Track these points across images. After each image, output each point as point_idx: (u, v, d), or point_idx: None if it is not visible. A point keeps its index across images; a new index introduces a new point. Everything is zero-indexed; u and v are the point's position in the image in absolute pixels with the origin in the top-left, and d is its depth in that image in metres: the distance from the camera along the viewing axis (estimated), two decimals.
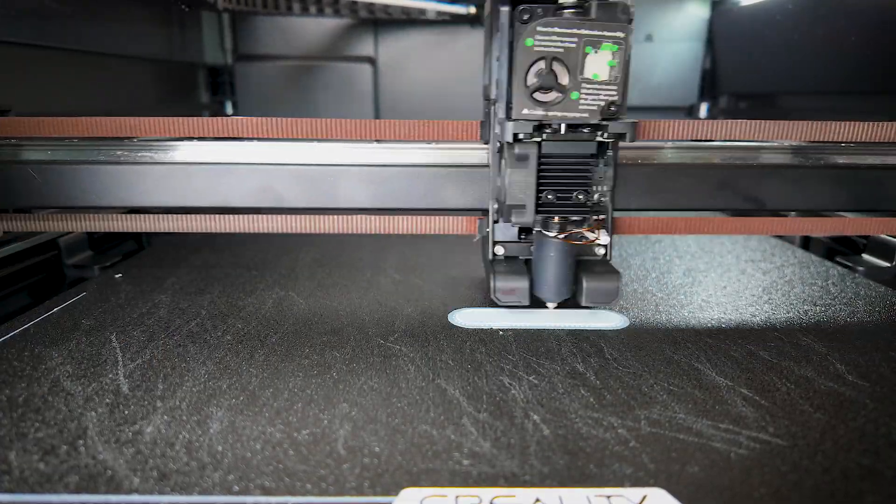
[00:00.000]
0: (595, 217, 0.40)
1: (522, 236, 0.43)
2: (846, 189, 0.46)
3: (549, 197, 0.39)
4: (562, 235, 0.38)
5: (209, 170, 0.44)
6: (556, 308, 0.42)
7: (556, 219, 0.39)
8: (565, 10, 0.35)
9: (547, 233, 0.38)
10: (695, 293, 0.46)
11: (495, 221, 0.42)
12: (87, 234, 0.56)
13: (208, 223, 0.45)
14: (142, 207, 0.46)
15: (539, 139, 0.38)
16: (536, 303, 0.42)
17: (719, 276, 0.50)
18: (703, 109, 1.01)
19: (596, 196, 0.41)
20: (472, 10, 0.94)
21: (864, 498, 0.24)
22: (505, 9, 0.36)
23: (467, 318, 0.40)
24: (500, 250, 0.43)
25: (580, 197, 0.39)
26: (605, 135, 0.37)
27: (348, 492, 0.23)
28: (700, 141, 0.45)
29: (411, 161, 0.45)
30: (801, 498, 0.23)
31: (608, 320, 0.40)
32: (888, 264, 0.55)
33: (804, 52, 0.78)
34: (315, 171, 0.45)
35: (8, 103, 0.51)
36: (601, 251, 0.43)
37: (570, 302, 0.43)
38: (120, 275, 0.49)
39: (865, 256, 0.57)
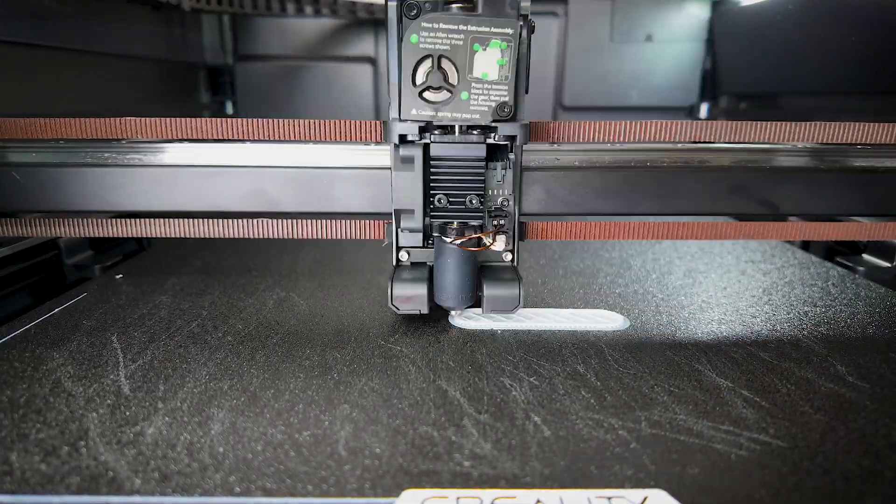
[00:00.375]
0: (494, 222, 0.38)
1: (428, 242, 0.41)
2: (846, 192, 0.45)
3: (442, 202, 0.38)
4: (457, 241, 0.37)
5: (199, 172, 0.43)
6: (556, 308, 0.42)
7: (455, 224, 0.37)
8: (454, 5, 0.34)
9: (444, 238, 0.37)
10: (695, 294, 0.46)
11: (398, 227, 0.41)
12: None
13: (199, 228, 0.44)
14: (130, 212, 0.45)
15: (426, 141, 0.36)
16: (552, 304, 0.42)
17: (719, 277, 0.50)
18: (704, 110, 1.01)
19: (499, 200, 0.39)
20: None
21: (865, 499, 0.24)
22: (393, 3, 0.35)
23: (468, 318, 0.40)
24: (403, 256, 0.41)
25: (473, 202, 0.38)
26: (496, 137, 0.36)
27: (349, 493, 0.24)
28: (698, 143, 0.44)
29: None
30: (802, 499, 0.24)
31: (609, 321, 0.40)
32: (888, 264, 0.55)
33: (805, 52, 0.78)
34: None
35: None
36: (509, 257, 0.41)
37: (569, 302, 0.43)
38: (121, 275, 0.49)
39: (866, 257, 0.57)
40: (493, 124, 0.35)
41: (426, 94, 0.34)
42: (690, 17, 0.98)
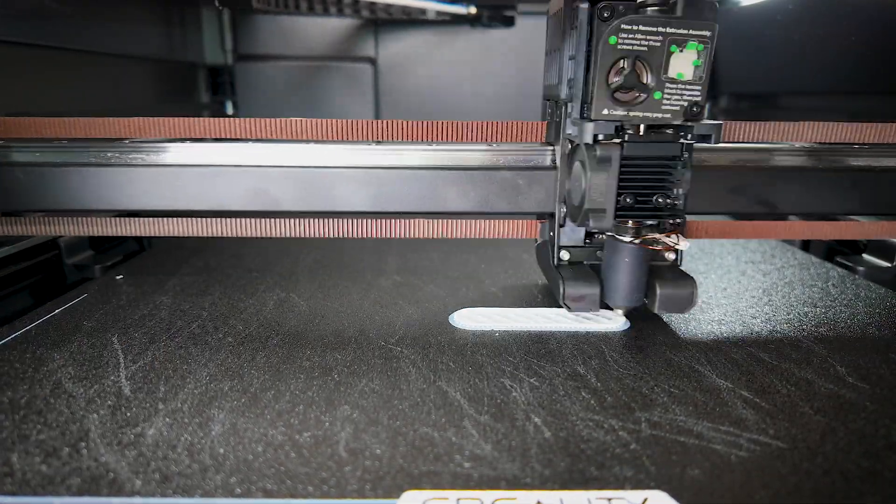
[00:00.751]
0: (671, 221, 0.38)
1: (587, 241, 0.42)
2: (849, 192, 0.45)
3: (628, 200, 0.37)
4: (637, 240, 0.37)
5: (202, 172, 0.44)
6: (556, 308, 0.42)
7: (631, 223, 0.37)
8: (648, 8, 0.34)
9: (620, 237, 0.37)
10: None
11: (561, 225, 0.41)
12: None
13: (201, 227, 0.44)
14: (132, 211, 0.45)
15: (621, 140, 0.36)
16: (552, 304, 0.42)
17: (719, 278, 0.50)
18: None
19: (677, 200, 0.38)
20: (473, 10, 0.94)
21: (865, 500, 0.24)
22: (584, 6, 0.36)
23: (468, 319, 0.40)
24: (565, 255, 0.42)
25: (660, 200, 0.37)
26: (690, 136, 0.36)
27: (350, 494, 0.24)
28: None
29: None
30: (802, 500, 0.24)
31: (608, 322, 0.40)
32: (888, 264, 0.55)
33: (805, 52, 0.78)
34: (316, 173, 0.44)
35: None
36: (672, 256, 0.41)
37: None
38: (121, 276, 0.49)
39: (866, 256, 0.57)
40: (688, 124, 0.35)
41: (618, 95, 0.35)
42: None
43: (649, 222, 0.37)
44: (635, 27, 0.34)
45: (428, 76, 1.02)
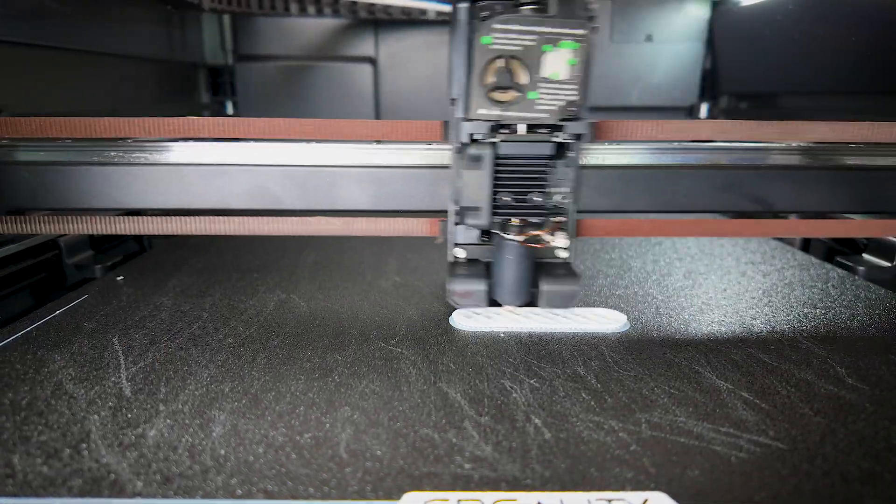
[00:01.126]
0: (554, 219, 0.39)
1: (484, 239, 0.42)
2: (847, 190, 0.46)
3: (506, 199, 0.38)
4: (520, 238, 0.38)
5: (205, 171, 0.44)
6: (557, 309, 0.42)
7: (515, 221, 0.38)
8: (524, 7, 0.35)
9: (505, 235, 0.38)
10: (695, 296, 0.46)
11: (455, 223, 0.42)
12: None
13: (204, 225, 0.45)
14: (136, 209, 0.46)
15: (494, 140, 0.37)
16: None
17: (719, 279, 0.50)
18: (704, 109, 1.01)
19: (557, 198, 0.40)
20: None
21: (864, 501, 0.24)
22: (463, 5, 0.35)
23: (468, 320, 0.40)
24: (460, 253, 0.42)
25: (536, 199, 0.38)
26: (564, 135, 0.37)
27: (350, 496, 0.24)
28: (699, 142, 0.45)
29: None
30: (802, 501, 0.24)
31: (609, 323, 0.40)
32: (889, 264, 0.55)
33: (805, 52, 0.78)
34: (298, 171, 0.44)
35: (2, 103, 0.51)
36: (564, 254, 0.42)
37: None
38: (122, 277, 0.49)
39: (866, 256, 0.57)
40: (561, 123, 0.36)
41: (493, 94, 0.35)
42: (690, 17, 0.98)
43: (533, 220, 0.38)
44: (508, 27, 0.34)
45: (428, 76, 1.02)
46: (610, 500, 0.24)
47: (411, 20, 0.97)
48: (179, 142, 0.45)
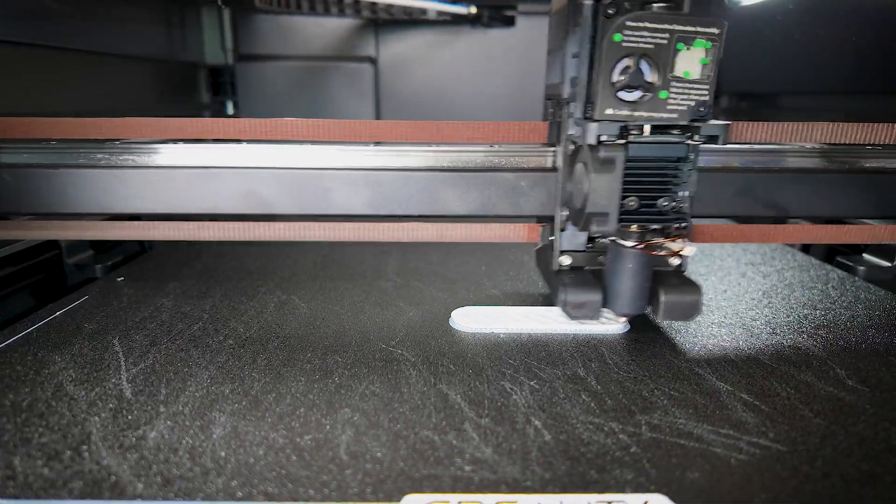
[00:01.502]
0: (676, 225, 0.37)
1: (589, 245, 0.40)
2: (857, 194, 0.45)
3: (632, 204, 0.36)
4: (640, 245, 0.35)
5: (195, 174, 0.43)
6: (556, 308, 0.42)
7: (634, 227, 0.36)
8: (654, 5, 0.34)
9: (624, 242, 0.36)
10: None
11: (562, 229, 0.40)
12: None
13: (194, 231, 0.43)
14: (124, 214, 0.44)
15: (625, 142, 0.35)
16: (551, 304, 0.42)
17: (719, 280, 0.50)
18: None
19: (682, 204, 0.37)
20: (473, 9, 0.94)
21: (864, 503, 0.24)
22: (589, 2, 0.34)
23: (468, 321, 0.40)
24: (566, 260, 0.40)
25: (665, 204, 0.36)
26: (697, 137, 0.35)
27: (351, 498, 0.24)
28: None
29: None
30: (802, 503, 0.24)
31: (609, 324, 0.40)
32: (889, 264, 0.55)
33: (805, 51, 0.78)
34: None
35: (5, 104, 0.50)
36: (675, 262, 0.39)
37: None
38: (122, 278, 0.49)
39: (866, 256, 0.57)
40: (696, 124, 0.35)
41: (621, 94, 0.34)
42: None
43: (654, 226, 0.36)
44: (641, 24, 0.33)
45: (428, 76, 1.02)
46: (610, 503, 0.24)
47: (412, 20, 0.97)
48: (168, 143, 0.43)
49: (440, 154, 0.44)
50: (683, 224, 0.37)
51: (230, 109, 1.01)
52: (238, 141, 0.43)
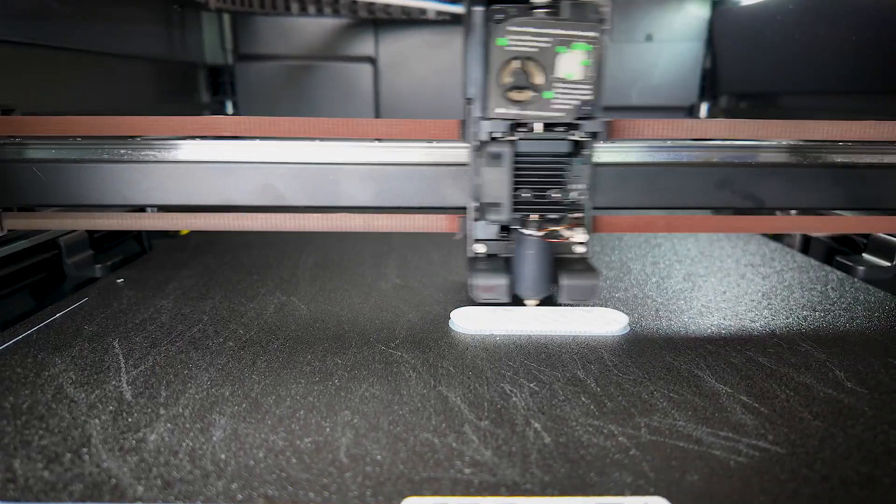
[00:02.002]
0: (572, 215, 0.40)
1: (504, 234, 0.43)
2: (845, 188, 0.45)
3: (526, 195, 0.39)
4: (539, 233, 0.39)
5: (211, 168, 0.45)
6: (556, 308, 0.42)
7: (534, 217, 0.39)
8: (537, 10, 0.36)
9: (524, 231, 0.39)
10: (695, 298, 0.46)
11: (475, 220, 0.43)
12: (88, 233, 0.56)
13: (210, 221, 0.45)
14: (145, 206, 0.47)
15: (514, 138, 0.38)
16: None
17: (719, 281, 0.50)
18: (704, 109, 1.01)
19: (574, 194, 0.40)
20: None
21: None
22: (479, 8, 0.37)
23: (468, 323, 0.40)
24: (480, 248, 0.43)
25: (555, 195, 0.40)
26: (580, 133, 0.38)
27: (351, 500, 0.24)
28: (699, 140, 0.45)
29: (396, 160, 0.45)
30: None
31: (608, 326, 0.40)
32: (888, 263, 0.55)
33: (805, 51, 0.78)
34: (312, 169, 0.45)
35: (12, 102, 0.51)
36: (581, 249, 0.43)
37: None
38: (122, 279, 0.49)
39: (866, 256, 0.57)
40: (577, 122, 0.37)
41: (510, 94, 0.37)
42: (690, 17, 0.98)
43: (552, 216, 0.40)
44: (523, 29, 0.35)
45: (428, 76, 1.02)
46: None
47: (411, 20, 0.97)
48: (187, 140, 0.45)
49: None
50: (578, 214, 0.41)
51: (230, 109, 1.01)
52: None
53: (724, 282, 0.50)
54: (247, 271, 0.51)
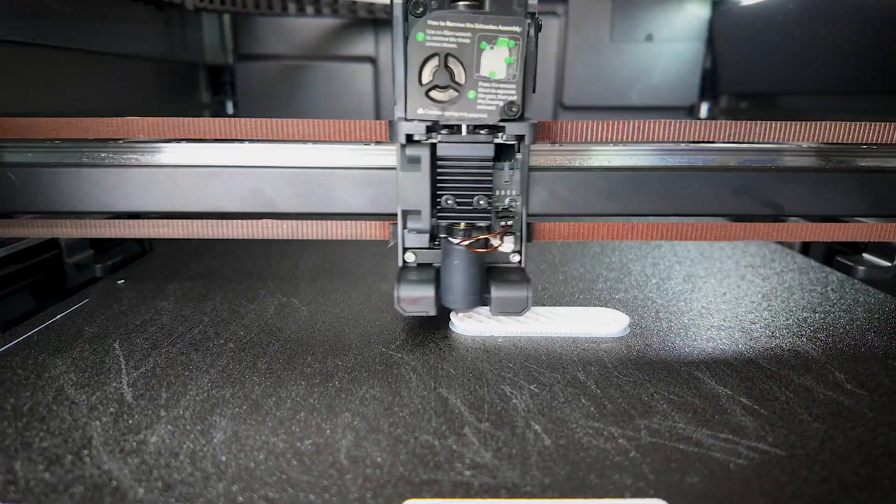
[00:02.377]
0: (502, 223, 0.38)
1: (435, 242, 0.40)
2: (845, 192, 0.45)
3: (449, 202, 0.37)
4: (465, 242, 0.36)
5: (197, 173, 0.42)
6: (556, 308, 0.42)
7: (462, 225, 0.37)
8: (460, 3, 0.33)
9: (451, 239, 0.37)
10: (695, 300, 0.46)
11: (403, 227, 0.40)
12: None
13: (195, 229, 0.43)
14: (127, 213, 0.44)
15: (433, 140, 0.35)
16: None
17: (719, 283, 0.50)
18: (704, 109, 1.01)
19: (506, 201, 0.38)
20: None
21: None
22: (398, 1, 0.34)
23: (468, 324, 0.40)
24: (410, 257, 0.40)
25: (481, 202, 0.37)
26: (504, 136, 0.35)
27: (351, 502, 0.24)
28: (696, 142, 0.44)
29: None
30: None
31: (609, 327, 0.40)
32: (889, 263, 0.55)
33: (805, 52, 0.78)
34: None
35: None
36: (517, 258, 0.40)
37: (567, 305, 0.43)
38: (122, 280, 0.49)
39: (866, 256, 0.57)
40: (501, 124, 0.34)
41: (432, 94, 0.34)
42: (690, 16, 0.98)
43: (480, 224, 0.37)
44: (443, 23, 0.32)
45: None
46: None
47: None
48: (172, 143, 0.43)
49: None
50: (509, 222, 0.38)
51: (230, 109, 1.01)
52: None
53: (725, 283, 0.50)
54: (247, 273, 0.52)
